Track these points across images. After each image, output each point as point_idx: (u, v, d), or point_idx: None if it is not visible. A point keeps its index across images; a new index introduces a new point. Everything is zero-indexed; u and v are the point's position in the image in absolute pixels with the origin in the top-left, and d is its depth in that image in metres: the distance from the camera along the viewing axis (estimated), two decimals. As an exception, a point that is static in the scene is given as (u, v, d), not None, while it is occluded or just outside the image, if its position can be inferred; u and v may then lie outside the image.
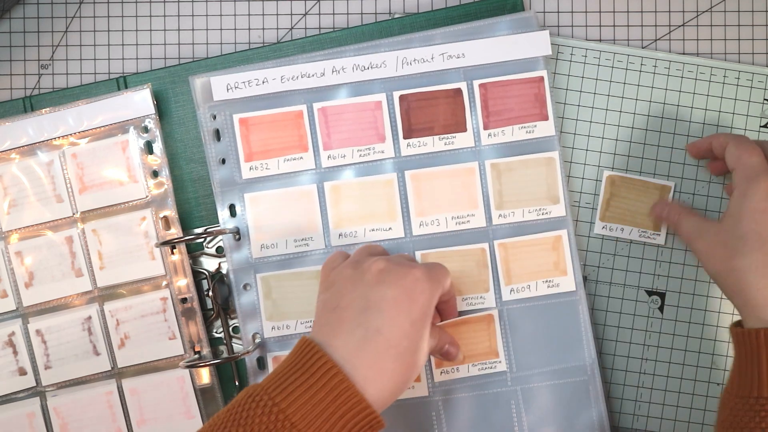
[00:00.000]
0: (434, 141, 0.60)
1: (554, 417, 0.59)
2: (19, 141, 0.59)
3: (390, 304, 0.48)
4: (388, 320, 0.48)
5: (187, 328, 0.59)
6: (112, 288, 0.59)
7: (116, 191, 0.59)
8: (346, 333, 0.48)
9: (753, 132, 0.62)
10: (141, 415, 0.59)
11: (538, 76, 0.60)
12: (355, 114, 0.60)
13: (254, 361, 0.60)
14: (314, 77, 0.60)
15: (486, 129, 0.60)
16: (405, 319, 0.48)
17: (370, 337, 0.47)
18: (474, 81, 0.60)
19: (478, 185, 0.60)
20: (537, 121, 0.60)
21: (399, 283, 0.49)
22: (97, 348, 0.59)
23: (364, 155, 0.60)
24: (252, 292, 0.60)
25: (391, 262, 0.51)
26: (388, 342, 0.47)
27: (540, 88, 0.60)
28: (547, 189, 0.60)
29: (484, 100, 0.60)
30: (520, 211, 0.60)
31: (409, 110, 0.60)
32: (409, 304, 0.49)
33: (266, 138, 0.60)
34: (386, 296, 0.49)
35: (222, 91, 0.59)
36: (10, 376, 0.59)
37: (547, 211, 0.60)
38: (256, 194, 0.60)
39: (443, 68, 0.60)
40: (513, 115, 0.60)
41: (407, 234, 0.60)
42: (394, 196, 0.60)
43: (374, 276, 0.50)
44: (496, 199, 0.60)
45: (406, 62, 0.59)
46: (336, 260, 0.55)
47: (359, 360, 0.47)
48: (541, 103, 0.60)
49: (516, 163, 0.60)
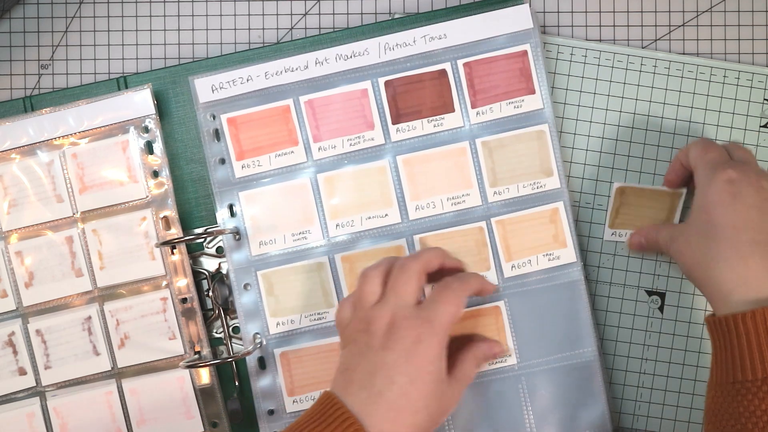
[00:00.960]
0: (423, 124, 0.60)
1: (559, 405, 0.59)
2: (19, 141, 0.59)
3: (401, 362, 0.49)
4: (398, 376, 0.49)
5: (187, 328, 0.59)
6: (112, 288, 0.59)
7: (116, 191, 0.59)
8: (355, 392, 0.49)
9: (753, 132, 0.62)
10: (141, 416, 0.59)
11: (522, 50, 0.60)
12: (342, 104, 0.60)
13: (255, 361, 0.60)
14: (298, 71, 0.60)
15: (474, 107, 0.60)
16: (414, 372, 0.49)
17: (374, 398, 0.49)
18: (458, 60, 0.60)
19: (470, 164, 0.60)
20: (524, 96, 0.60)
21: (405, 340, 0.50)
22: (97, 348, 0.59)
23: (354, 144, 0.60)
24: (253, 291, 0.60)
25: (398, 312, 0.51)
26: (402, 397, 0.49)
27: (524, 62, 0.60)
28: (540, 162, 0.60)
29: (470, 79, 0.60)
30: (515, 187, 0.60)
31: (396, 95, 0.60)
32: (417, 359, 0.49)
33: (256, 135, 0.60)
34: (387, 362, 0.49)
35: (207, 92, 0.59)
36: (10, 376, 0.59)
37: (541, 184, 0.60)
38: (250, 192, 0.60)
39: (426, 50, 0.60)
40: (500, 92, 0.60)
41: (404, 219, 0.60)
42: (388, 183, 0.60)
43: (380, 340, 0.50)
44: (490, 176, 0.60)
45: (389, 47, 0.60)
46: (345, 313, 0.54)
47: (376, 409, 0.48)
48: (526, 77, 0.60)
49: (507, 139, 0.60)
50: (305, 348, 0.60)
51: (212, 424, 0.60)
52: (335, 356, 0.59)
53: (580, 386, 0.59)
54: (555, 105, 0.61)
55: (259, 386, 0.60)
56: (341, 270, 0.60)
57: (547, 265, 0.60)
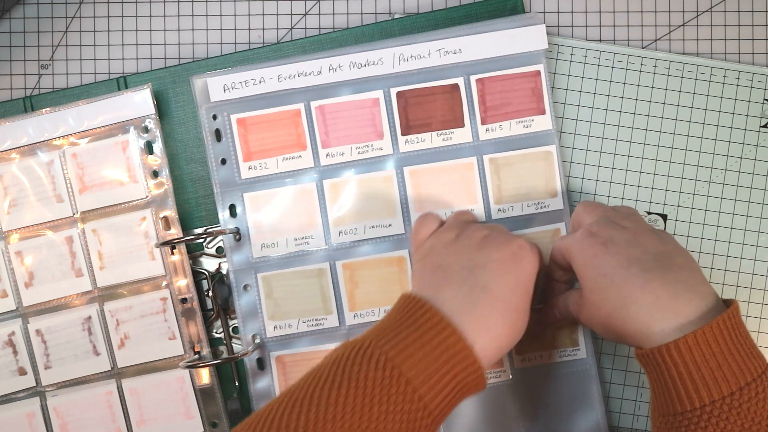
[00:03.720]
0: (432, 137, 0.60)
1: (553, 411, 0.59)
2: (19, 141, 0.59)
3: (496, 264, 0.48)
4: (495, 278, 0.48)
5: (187, 328, 0.59)
6: (112, 288, 0.59)
7: (116, 191, 0.59)
8: (452, 289, 0.48)
9: (753, 132, 0.62)
10: (141, 416, 0.59)
11: (535, 70, 0.60)
12: (352, 111, 0.60)
13: (254, 362, 0.60)
14: (311, 75, 0.60)
15: (484, 124, 0.60)
16: (512, 278, 0.48)
17: (477, 294, 0.47)
18: (471, 76, 0.60)
19: (476, 180, 0.60)
20: (534, 116, 0.60)
21: (504, 248, 0.49)
22: (97, 348, 0.59)
23: (362, 152, 0.60)
24: (252, 292, 0.60)
25: (494, 231, 0.51)
26: (495, 298, 0.47)
27: (537, 82, 0.60)
28: (545, 183, 0.60)
29: (482, 95, 0.60)
30: (519, 206, 0.60)
31: (407, 107, 0.60)
32: (515, 266, 0.49)
33: (264, 137, 0.60)
34: (492, 257, 0.49)
35: (219, 91, 0.59)
36: (10, 375, 0.59)
37: (545, 204, 0.60)
38: (255, 194, 0.60)
39: (440, 64, 0.60)
40: (510, 110, 0.60)
41: (407, 230, 0.60)
42: (394, 193, 0.60)
43: (477, 241, 0.50)
44: (495, 193, 0.60)
45: (403, 59, 0.59)
46: (428, 224, 0.54)
47: (467, 316, 0.46)
48: (537, 97, 0.60)
49: (514, 158, 0.60)
50: (302, 353, 0.60)
51: (212, 425, 0.60)
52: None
53: (575, 393, 0.59)
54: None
55: (257, 387, 0.60)
56: (341, 277, 0.60)
57: None
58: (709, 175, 0.61)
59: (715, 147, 0.61)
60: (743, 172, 0.61)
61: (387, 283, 0.60)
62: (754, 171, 0.61)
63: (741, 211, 0.61)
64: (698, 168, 0.61)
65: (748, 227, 0.61)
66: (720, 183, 0.61)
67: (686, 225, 0.61)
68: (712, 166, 0.61)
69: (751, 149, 0.61)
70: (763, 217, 0.61)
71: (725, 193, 0.61)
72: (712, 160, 0.61)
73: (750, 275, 0.61)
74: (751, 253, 0.61)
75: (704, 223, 0.61)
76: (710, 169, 0.61)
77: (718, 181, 0.61)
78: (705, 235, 0.61)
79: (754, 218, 0.61)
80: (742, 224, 0.61)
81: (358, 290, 0.60)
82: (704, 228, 0.61)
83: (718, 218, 0.61)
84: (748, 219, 0.61)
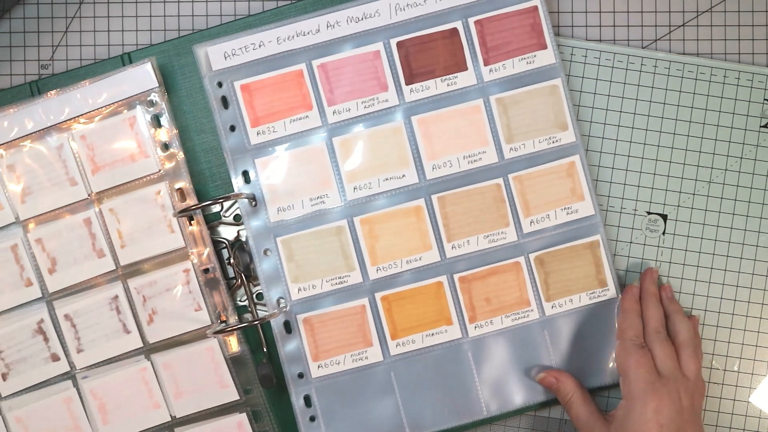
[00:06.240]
0: (437, 83, 0.60)
1: (578, 346, 0.60)
2: (26, 127, 0.59)
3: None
4: None
5: (212, 298, 0.60)
6: (135, 265, 0.60)
7: (129, 168, 0.59)
8: None
9: (753, 132, 0.61)
10: (177, 389, 0.60)
11: (532, 6, 0.60)
12: (354, 66, 0.60)
13: (281, 326, 0.60)
14: (310, 35, 0.60)
15: (486, 65, 0.60)
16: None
17: None
18: (469, 19, 0.60)
19: (485, 122, 0.60)
20: (536, 51, 0.60)
21: None
22: (127, 326, 0.59)
23: (368, 106, 0.60)
24: (273, 256, 0.60)
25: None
26: None
27: (535, 17, 0.60)
28: (554, 117, 0.60)
29: (482, 37, 0.60)
30: (531, 142, 0.60)
31: (408, 56, 0.60)
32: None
33: (270, 101, 0.60)
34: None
35: (220, 59, 0.59)
36: (43, 363, 0.60)
37: (557, 138, 0.60)
38: (266, 158, 0.60)
39: (437, 10, 0.60)
40: (512, 48, 0.60)
41: (421, 179, 0.60)
42: (404, 143, 0.60)
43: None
44: (505, 133, 0.60)
45: (399, 8, 0.59)
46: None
47: None
48: (537, 32, 0.60)
49: (520, 95, 0.60)
50: (328, 312, 0.60)
51: (246, 391, 0.60)
52: (358, 319, 0.59)
53: (605, 329, 0.60)
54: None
55: (286, 350, 0.60)
56: (360, 232, 0.60)
57: (565, 219, 0.60)
58: (709, 175, 0.61)
59: (715, 147, 0.61)
60: (743, 172, 0.61)
61: (406, 233, 0.60)
62: (754, 171, 0.61)
63: (741, 211, 0.61)
64: (698, 168, 0.61)
65: (748, 227, 0.61)
66: (720, 183, 0.61)
67: (686, 225, 0.61)
68: (712, 166, 0.61)
69: (751, 149, 0.61)
70: (763, 217, 0.61)
71: (725, 193, 0.61)
72: (712, 160, 0.61)
73: (750, 275, 0.61)
74: (751, 253, 0.61)
75: (704, 223, 0.61)
76: (710, 169, 0.61)
77: (718, 181, 0.61)
78: (705, 235, 0.61)
79: (754, 218, 0.61)
80: (742, 224, 0.61)
81: (379, 244, 0.60)
82: (704, 228, 0.61)
83: (718, 218, 0.61)
84: (748, 219, 0.61)
